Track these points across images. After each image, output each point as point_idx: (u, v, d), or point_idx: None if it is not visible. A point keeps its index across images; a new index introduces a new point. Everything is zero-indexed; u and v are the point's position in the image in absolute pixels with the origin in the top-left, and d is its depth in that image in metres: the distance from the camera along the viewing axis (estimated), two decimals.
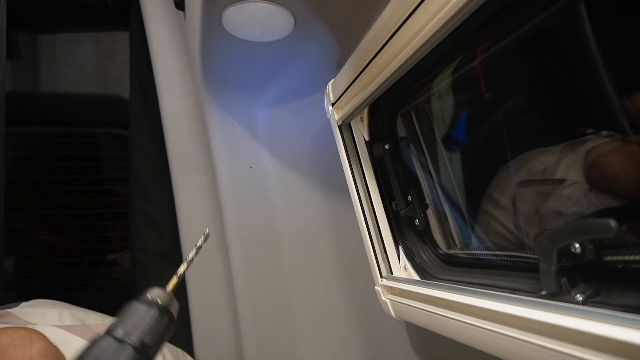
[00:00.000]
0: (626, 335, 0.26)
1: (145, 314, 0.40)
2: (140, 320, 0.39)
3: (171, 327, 0.42)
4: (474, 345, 0.42)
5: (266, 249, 0.96)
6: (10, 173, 1.30)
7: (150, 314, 0.40)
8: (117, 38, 1.33)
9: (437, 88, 0.60)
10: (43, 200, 1.36)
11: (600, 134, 0.51)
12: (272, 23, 0.67)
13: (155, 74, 1.01)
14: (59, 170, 1.37)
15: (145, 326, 0.39)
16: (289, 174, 0.98)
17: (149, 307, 0.41)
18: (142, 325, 0.39)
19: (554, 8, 0.37)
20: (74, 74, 1.33)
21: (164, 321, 0.41)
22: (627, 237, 0.40)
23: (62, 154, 1.38)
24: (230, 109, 0.93)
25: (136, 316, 0.40)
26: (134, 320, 0.39)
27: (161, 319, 0.41)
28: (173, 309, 0.43)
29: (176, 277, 0.46)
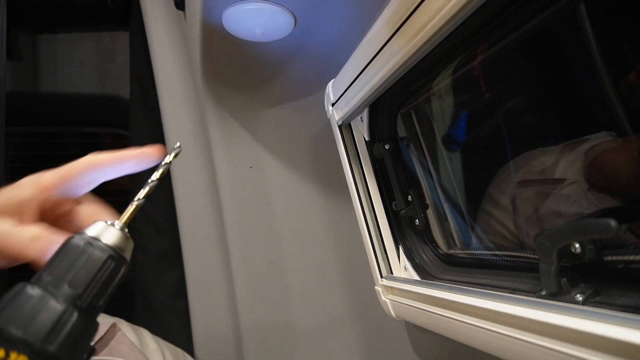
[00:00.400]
0: (626, 335, 0.26)
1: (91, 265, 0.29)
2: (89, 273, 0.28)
3: (121, 273, 0.31)
4: (474, 345, 0.42)
5: (266, 249, 0.96)
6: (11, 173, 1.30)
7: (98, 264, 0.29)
8: (117, 38, 1.33)
9: (437, 88, 0.60)
10: None
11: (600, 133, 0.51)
12: (272, 23, 0.67)
13: (155, 74, 1.01)
14: None
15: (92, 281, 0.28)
16: (289, 174, 0.98)
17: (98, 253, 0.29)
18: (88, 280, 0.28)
19: (554, 8, 0.37)
20: (74, 74, 1.33)
21: (112, 269, 0.30)
22: (627, 237, 0.40)
23: (62, 154, 1.38)
24: (230, 109, 0.93)
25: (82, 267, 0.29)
26: (79, 273, 0.28)
27: (114, 271, 0.30)
28: (127, 252, 0.31)
29: (132, 207, 0.34)
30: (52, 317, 0.26)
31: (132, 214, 0.34)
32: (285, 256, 0.97)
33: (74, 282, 0.28)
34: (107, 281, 0.29)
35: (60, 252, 0.29)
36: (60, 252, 0.29)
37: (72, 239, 0.30)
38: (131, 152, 0.41)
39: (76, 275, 0.28)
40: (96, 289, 0.29)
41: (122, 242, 0.31)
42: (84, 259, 0.29)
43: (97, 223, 0.31)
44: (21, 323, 0.25)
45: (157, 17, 0.99)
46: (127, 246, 0.32)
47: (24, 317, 0.26)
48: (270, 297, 0.96)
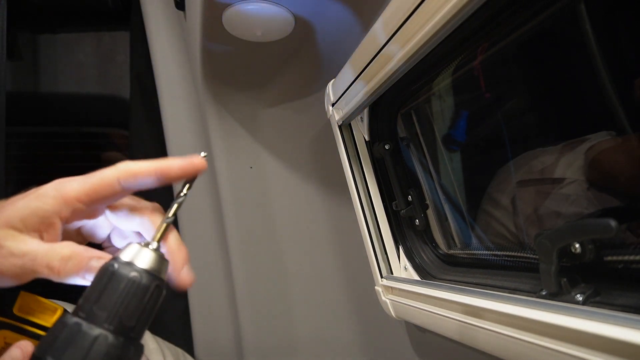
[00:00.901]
0: (626, 335, 0.26)
1: (122, 287, 0.28)
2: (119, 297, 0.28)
3: (160, 296, 0.31)
4: (474, 345, 0.42)
5: (266, 249, 0.96)
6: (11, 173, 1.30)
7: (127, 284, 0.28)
8: (117, 38, 1.33)
9: (437, 88, 0.60)
10: None
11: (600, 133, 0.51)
12: (272, 23, 0.67)
13: (155, 74, 1.01)
14: (59, 170, 1.37)
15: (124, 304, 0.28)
16: (289, 174, 0.98)
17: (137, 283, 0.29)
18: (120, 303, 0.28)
19: (554, 8, 0.37)
20: (74, 74, 1.33)
21: (149, 293, 0.29)
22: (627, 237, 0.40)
23: (62, 154, 1.38)
24: (230, 109, 0.93)
25: (111, 292, 0.28)
26: (111, 299, 0.28)
27: (145, 290, 0.29)
28: (164, 273, 0.31)
29: (164, 225, 0.34)
30: (114, 357, 0.27)
31: (164, 231, 0.33)
32: (285, 256, 0.97)
33: (126, 316, 0.28)
34: (154, 309, 0.30)
35: (107, 283, 0.28)
36: (107, 283, 0.28)
37: (116, 267, 0.29)
38: (175, 162, 0.37)
39: (128, 309, 0.28)
40: (146, 319, 0.29)
41: (160, 264, 0.31)
42: (133, 290, 0.28)
43: (132, 246, 0.31)
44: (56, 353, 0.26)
45: (157, 17, 0.99)
46: (164, 267, 0.31)
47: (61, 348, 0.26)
48: (270, 297, 0.96)
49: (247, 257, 0.95)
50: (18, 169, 1.35)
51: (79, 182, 0.34)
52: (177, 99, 1.01)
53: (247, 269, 0.95)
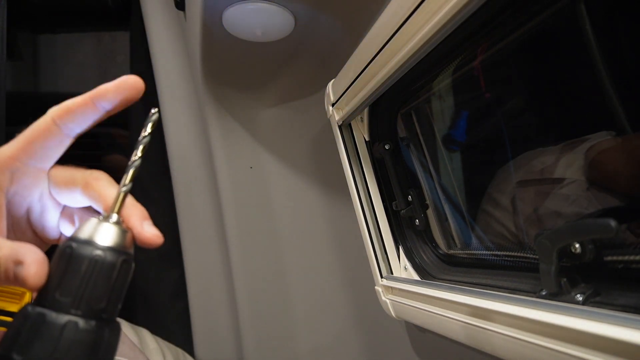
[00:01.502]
0: (626, 335, 0.26)
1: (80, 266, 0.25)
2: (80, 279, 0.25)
3: (132, 271, 0.28)
4: (474, 345, 0.42)
5: (266, 249, 0.96)
6: None
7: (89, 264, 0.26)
8: (118, 38, 1.33)
9: (437, 88, 0.60)
10: None
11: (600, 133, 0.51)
12: (272, 23, 0.67)
13: (156, 74, 1.01)
14: None
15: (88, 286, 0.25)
16: (289, 174, 0.98)
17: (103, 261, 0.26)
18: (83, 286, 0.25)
19: (554, 8, 0.37)
20: (74, 74, 1.33)
21: (125, 271, 0.27)
22: (627, 237, 0.40)
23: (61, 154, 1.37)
24: (230, 109, 0.93)
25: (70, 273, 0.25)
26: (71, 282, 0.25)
27: (123, 273, 0.27)
28: (130, 246, 0.29)
29: (121, 195, 0.30)
30: (88, 343, 0.25)
31: (122, 201, 0.29)
32: (285, 256, 0.97)
33: (94, 298, 0.25)
34: (124, 285, 0.27)
35: (67, 266, 0.26)
36: (67, 266, 0.26)
37: (74, 247, 0.26)
38: (108, 84, 0.33)
39: (95, 291, 0.25)
40: (117, 297, 0.27)
41: (123, 237, 0.28)
42: (97, 270, 0.26)
43: (89, 221, 0.27)
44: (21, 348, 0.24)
45: (157, 17, 0.99)
46: (128, 239, 0.29)
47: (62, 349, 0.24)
48: (270, 297, 0.96)
49: (247, 257, 0.95)
50: None
51: (12, 141, 0.30)
52: (177, 99, 1.01)
53: (247, 269, 0.95)
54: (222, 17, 0.65)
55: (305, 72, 0.85)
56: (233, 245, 0.95)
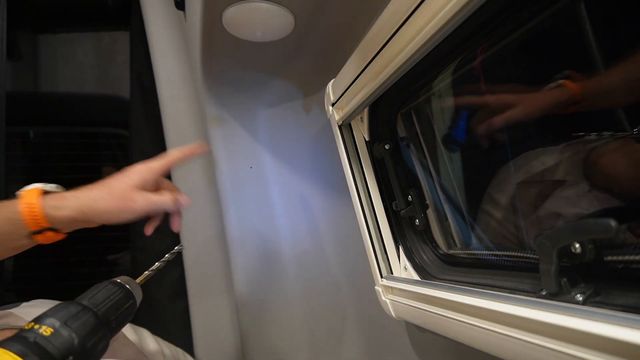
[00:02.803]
0: (626, 335, 0.26)
1: (109, 290, 0.45)
2: (104, 294, 0.45)
3: (133, 311, 0.48)
4: (474, 345, 0.42)
5: (266, 249, 0.96)
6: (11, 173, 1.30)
7: (113, 290, 0.46)
8: (118, 38, 1.33)
9: (437, 88, 0.60)
10: None
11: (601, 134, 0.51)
12: (272, 23, 0.67)
13: (155, 74, 1.01)
14: (58, 170, 1.37)
15: (107, 299, 0.44)
16: (289, 174, 0.98)
17: (115, 286, 0.46)
18: (103, 298, 0.44)
19: (554, 8, 0.37)
20: (74, 74, 1.33)
21: (126, 301, 0.46)
22: (627, 237, 0.40)
23: (62, 154, 1.38)
24: (230, 109, 0.93)
25: (103, 292, 0.45)
26: (97, 293, 0.44)
27: (123, 299, 0.46)
28: (137, 296, 0.49)
29: (147, 272, 0.54)
30: (73, 312, 0.40)
31: (145, 277, 0.53)
32: (285, 256, 0.97)
33: (94, 298, 0.44)
34: (117, 303, 0.45)
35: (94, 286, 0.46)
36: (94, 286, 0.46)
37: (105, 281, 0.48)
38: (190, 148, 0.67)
39: (96, 295, 0.44)
40: (108, 306, 0.44)
41: (133, 285, 0.49)
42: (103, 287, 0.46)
43: (122, 276, 0.49)
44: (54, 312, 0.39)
45: (157, 17, 1.00)
46: (137, 290, 0.49)
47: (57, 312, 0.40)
48: (270, 297, 0.96)
49: (247, 257, 0.95)
50: (18, 169, 1.35)
51: (158, 161, 0.63)
52: (177, 99, 1.01)
53: (247, 269, 0.95)
54: (222, 17, 0.65)
55: (305, 72, 0.86)
56: (233, 245, 0.95)
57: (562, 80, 0.47)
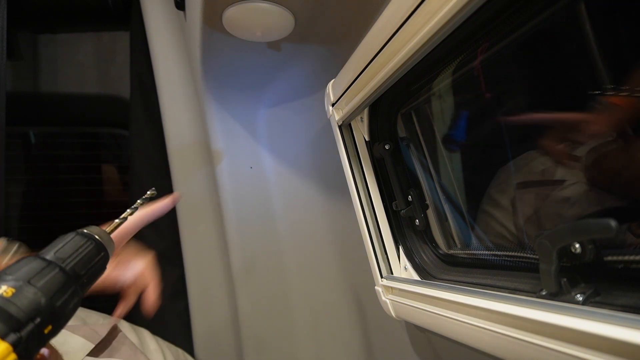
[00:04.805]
0: (626, 335, 0.26)
1: (76, 242, 0.40)
2: (71, 246, 0.39)
3: (105, 264, 0.42)
4: (474, 345, 0.42)
5: (266, 249, 0.96)
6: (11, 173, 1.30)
7: (81, 242, 0.40)
8: (118, 38, 1.33)
9: (437, 88, 0.60)
10: (43, 200, 1.36)
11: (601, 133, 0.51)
12: (272, 23, 0.67)
13: (156, 74, 1.01)
14: (58, 170, 1.37)
15: (75, 252, 0.39)
16: (289, 174, 0.98)
17: (83, 238, 0.40)
18: (71, 251, 0.39)
19: (554, 8, 0.37)
20: (74, 74, 1.33)
21: (97, 253, 0.41)
22: (627, 237, 0.40)
23: (62, 154, 1.38)
24: (230, 109, 0.93)
25: (67, 243, 0.39)
26: (64, 246, 0.39)
27: (93, 250, 0.40)
28: (109, 248, 0.43)
29: (117, 220, 0.47)
30: (37, 268, 0.36)
31: (115, 226, 0.46)
32: (285, 256, 0.97)
33: (61, 252, 0.38)
34: (87, 256, 0.40)
35: (58, 239, 0.40)
36: (58, 239, 0.40)
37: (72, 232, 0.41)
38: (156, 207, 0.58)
39: (62, 248, 0.39)
40: (77, 260, 0.39)
41: (104, 235, 0.43)
42: (70, 239, 0.40)
43: (90, 226, 0.43)
44: (14, 271, 0.35)
45: (157, 17, 0.99)
46: (109, 241, 0.43)
47: (19, 269, 0.35)
48: (271, 297, 0.96)
49: (247, 257, 0.95)
50: (18, 169, 1.35)
51: None
52: (177, 99, 1.01)
53: (247, 269, 0.95)
54: (222, 17, 0.65)
55: (305, 72, 0.85)
56: (233, 245, 0.95)
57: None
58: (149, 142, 1.09)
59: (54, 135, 1.38)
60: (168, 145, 1.02)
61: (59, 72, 1.32)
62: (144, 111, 1.09)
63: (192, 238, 1.03)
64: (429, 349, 0.76)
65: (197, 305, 1.04)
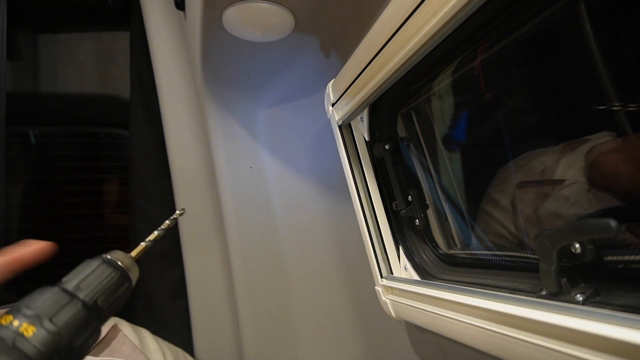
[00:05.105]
0: (626, 335, 0.26)
1: (101, 272, 0.37)
2: (95, 277, 0.36)
3: (127, 293, 0.39)
4: (474, 345, 0.42)
5: (266, 249, 0.96)
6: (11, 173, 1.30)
7: (106, 273, 0.37)
8: (118, 38, 1.33)
9: (437, 88, 0.60)
10: (43, 200, 1.36)
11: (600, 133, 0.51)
12: (272, 23, 0.67)
13: (156, 74, 1.01)
14: (58, 170, 1.37)
15: (99, 284, 0.36)
16: (289, 174, 0.98)
17: (108, 267, 0.37)
18: (96, 283, 0.36)
19: (554, 8, 0.37)
20: (74, 74, 1.33)
21: (121, 285, 0.38)
22: (627, 237, 0.40)
23: (62, 154, 1.38)
24: (230, 109, 0.93)
25: (91, 273, 0.36)
26: (88, 276, 0.36)
27: (118, 282, 0.38)
28: (132, 275, 0.40)
29: (143, 244, 0.43)
30: (59, 303, 0.33)
31: (141, 251, 0.43)
32: (285, 256, 0.97)
33: (85, 284, 0.35)
34: (111, 288, 0.37)
35: (79, 266, 0.37)
36: (79, 266, 0.37)
37: (91, 258, 0.38)
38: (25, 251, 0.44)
39: (86, 279, 0.36)
40: (100, 292, 0.36)
41: (128, 262, 0.40)
42: (95, 268, 0.37)
43: (114, 251, 0.40)
44: (34, 305, 0.32)
45: (157, 17, 0.99)
46: (133, 268, 0.40)
47: (40, 303, 0.33)
48: (270, 297, 0.96)
49: (247, 257, 0.95)
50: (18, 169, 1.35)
51: None
52: (177, 99, 1.01)
53: (247, 269, 0.95)
54: (222, 17, 0.65)
55: (305, 72, 0.85)
56: (233, 245, 0.95)
57: None
58: (149, 142, 1.09)
59: (54, 135, 1.38)
60: (168, 145, 1.02)
61: (59, 72, 1.32)
62: (144, 111, 1.09)
63: (192, 238, 1.03)
64: (429, 349, 0.76)
65: (197, 305, 1.04)
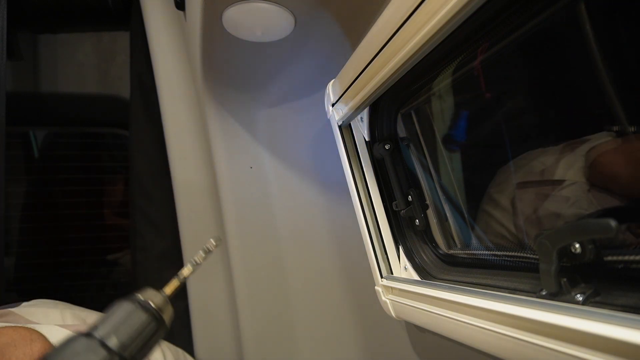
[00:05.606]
0: (626, 335, 0.26)
1: (141, 324, 0.36)
2: (134, 330, 0.35)
3: (160, 335, 0.37)
4: (474, 345, 0.42)
5: (266, 249, 0.96)
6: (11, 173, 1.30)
7: (145, 323, 0.36)
8: (118, 38, 1.33)
9: (437, 88, 0.60)
10: (43, 200, 1.36)
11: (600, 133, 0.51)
12: (272, 23, 0.67)
13: (155, 74, 1.01)
14: (58, 170, 1.37)
15: (130, 331, 0.35)
16: (289, 174, 0.98)
17: (145, 314, 0.36)
18: (127, 330, 0.35)
19: (554, 8, 0.37)
20: (74, 74, 1.33)
21: (153, 328, 0.36)
22: (627, 237, 0.40)
23: (62, 154, 1.38)
24: (230, 109, 0.93)
25: (131, 324, 0.35)
26: (119, 322, 0.35)
27: (150, 325, 0.36)
28: (166, 316, 0.38)
29: (177, 280, 0.41)
30: None
31: (176, 288, 0.40)
32: (285, 256, 0.97)
33: (121, 334, 0.34)
34: (147, 337, 0.36)
35: (113, 309, 0.36)
36: (113, 309, 0.36)
37: (123, 299, 0.37)
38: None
39: (124, 329, 0.35)
40: (137, 343, 0.35)
41: (163, 304, 0.38)
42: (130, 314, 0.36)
43: (146, 290, 0.39)
44: None
45: (157, 17, 0.99)
46: (167, 309, 0.39)
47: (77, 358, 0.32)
48: (270, 297, 0.96)
49: (247, 257, 0.95)
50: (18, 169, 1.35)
51: None
52: (177, 99, 1.01)
53: (247, 269, 0.95)
54: (222, 17, 0.65)
55: (305, 72, 0.85)
56: (233, 245, 0.95)
57: None
58: (149, 142, 1.09)
59: (54, 135, 1.38)
60: (168, 145, 1.02)
61: (59, 72, 1.32)
62: (144, 111, 1.09)
63: (192, 238, 1.03)
64: (429, 349, 0.76)
65: (197, 305, 1.04)
